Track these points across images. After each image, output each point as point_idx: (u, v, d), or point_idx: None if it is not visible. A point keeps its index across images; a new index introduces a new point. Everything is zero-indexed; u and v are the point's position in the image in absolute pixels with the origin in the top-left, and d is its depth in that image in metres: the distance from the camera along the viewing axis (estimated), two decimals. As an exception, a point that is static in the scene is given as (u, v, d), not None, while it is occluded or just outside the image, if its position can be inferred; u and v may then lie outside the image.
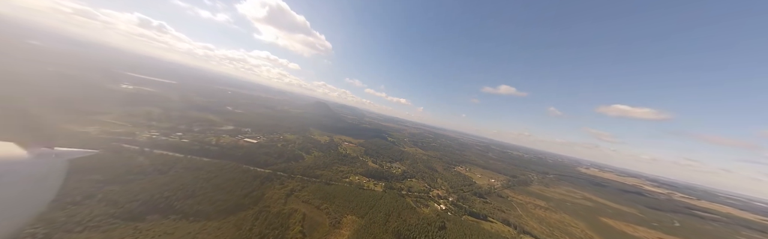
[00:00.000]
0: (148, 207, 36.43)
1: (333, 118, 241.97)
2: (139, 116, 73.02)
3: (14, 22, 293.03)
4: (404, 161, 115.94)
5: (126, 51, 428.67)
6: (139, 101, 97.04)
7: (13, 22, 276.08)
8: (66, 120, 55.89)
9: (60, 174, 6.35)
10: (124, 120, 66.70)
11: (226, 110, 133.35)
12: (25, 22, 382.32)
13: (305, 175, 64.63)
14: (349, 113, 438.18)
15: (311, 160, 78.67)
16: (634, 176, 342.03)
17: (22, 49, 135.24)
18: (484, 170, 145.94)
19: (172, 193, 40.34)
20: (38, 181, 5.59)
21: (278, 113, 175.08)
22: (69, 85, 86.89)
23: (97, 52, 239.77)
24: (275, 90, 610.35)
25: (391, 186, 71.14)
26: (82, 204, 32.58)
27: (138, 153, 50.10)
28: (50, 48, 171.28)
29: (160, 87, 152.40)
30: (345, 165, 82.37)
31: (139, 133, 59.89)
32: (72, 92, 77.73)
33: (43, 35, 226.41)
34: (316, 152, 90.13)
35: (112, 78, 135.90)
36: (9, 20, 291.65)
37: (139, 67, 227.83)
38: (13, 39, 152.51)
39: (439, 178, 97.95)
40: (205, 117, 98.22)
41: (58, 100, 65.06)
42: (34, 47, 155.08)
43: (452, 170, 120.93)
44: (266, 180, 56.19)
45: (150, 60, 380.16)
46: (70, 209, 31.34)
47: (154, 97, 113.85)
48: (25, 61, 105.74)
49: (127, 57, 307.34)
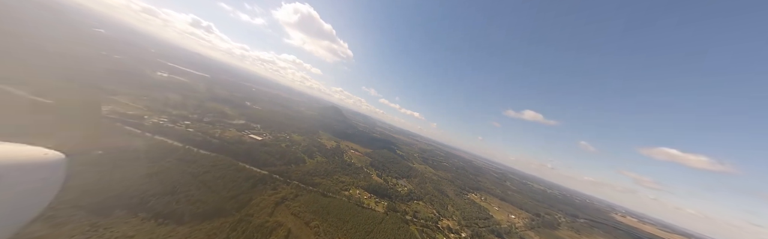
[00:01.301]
0: (120, 200, 31.44)
1: (344, 123, 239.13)
2: (156, 101, 72.84)
3: (89, 13, 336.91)
4: (412, 178, 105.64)
5: (176, 46, 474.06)
6: (166, 87, 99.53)
7: (88, 13, 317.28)
8: (86, 96, 55.70)
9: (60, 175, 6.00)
10: (140, 103, 66.22)
11: (244, 105, 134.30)
12: (100, 14, 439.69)
13: (302, 182, 58.11)
14: (361, 120, 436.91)
15: (312, 165, 72.52)
16: (682, 233, 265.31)
17: (86, 35, 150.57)
18: (501, 202, 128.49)
19: (151, 187, 35.44)
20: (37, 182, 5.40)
21: (292, 113, 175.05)
22: (108, 67, 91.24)
23: (149, 44, 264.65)
24: (296, 92, 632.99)
25: (395, 208, 61.90)
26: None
27: (138, 137, 47.14)
28: (111, 37, 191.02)
29: (191, 78, 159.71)
30: (347, 175, 75.02)
31: (148, 117, 58.13)
32: (106, 74, 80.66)
33: (110, 26, 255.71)
34: (319, 157, 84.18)
35: (153, 66, 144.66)
36: (85, 11, 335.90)
37: (181, 59, 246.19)
38: (83, 27, 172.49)
39: (450, 205, 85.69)
40: (220, 109, 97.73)
41: (88, 79, 66.78)
42: (98, 35, 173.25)
43: (465, 197, 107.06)
44: (259, 182, 50.32)
45: (194, 55, 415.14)
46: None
47: (181, 85, 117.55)
48: (83, 45, 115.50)
49: (175, 51, 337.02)
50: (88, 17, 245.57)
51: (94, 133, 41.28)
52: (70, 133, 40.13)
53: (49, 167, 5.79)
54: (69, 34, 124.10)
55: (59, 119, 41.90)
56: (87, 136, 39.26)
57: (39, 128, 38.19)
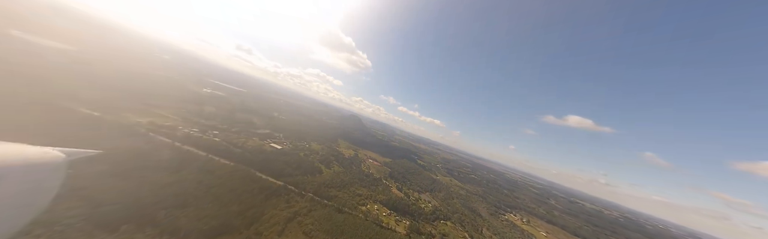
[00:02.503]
0: (130, 212, 29.88)
1: (363, 132, 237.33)
2: (192, 113, 78.18)
3: (159, 42, 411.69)
4: (436, 193, 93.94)
5: (223, 67, 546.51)
6: (205, 101, 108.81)
7: (158, 42, 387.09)
8: (132, 109, 61.45)
9: (60, 175, 6.05)
10: (177, 115, 71.23)
11: (271, 115, 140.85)
12: (166, 43, 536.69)
13: (317, 194, 53.52)
14: (380, 128, 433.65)
15: (329, 176, 68.23)
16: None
17: (155, 60, 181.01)
18: (550, 225, 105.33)
19: (164, 198, 33.89)
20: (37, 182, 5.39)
21: (314, 122, 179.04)
22: (161, 86, 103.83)
23: (202, 66, 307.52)
24: (320, 102, 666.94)
25: (418, 229, 52.90)
26: (66, 199, 27.80)
27: (167, 147, 48.44)
28: (173, 61, 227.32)
29: (229, 92, 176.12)
30: (365, 188, 68.72)
31: (182, 128, 61.14)
32: (158, 91, 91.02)
33: (174, 53, 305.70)
34: (336, 166, 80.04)
35: (200, 84, 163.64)
36: (158, 41, 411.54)
37: (225, 78, 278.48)
38: (152, 53, 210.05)
39: (485, 227, 72.13)
40: (249, 119, 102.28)
41: (141, 96, 75.41)
42: (163, 60, 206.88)
43: (502, 218, 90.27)
44: (273, 194, 47.04)
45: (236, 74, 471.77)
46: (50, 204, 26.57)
47: (218, 99, 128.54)
48: (150, 68, 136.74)
49: (221, 71, 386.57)
50: (157, 46, 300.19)
51: (126, 143, 43.12)
52: (105, 142, 42.79)
53: (50, 167, 5.77)
54: (142, 59, 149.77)
55: (98, 129, 45.18)
56: (118, 146, 40.77)
57: (77, 137, 41.35)
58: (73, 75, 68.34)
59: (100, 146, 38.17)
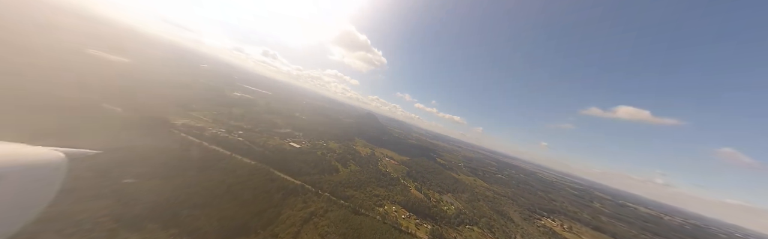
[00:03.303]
0: (156, 212, 30.53)
1: (380, 130, 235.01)
2: (222, 115, 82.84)
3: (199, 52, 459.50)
4: (458, 194, 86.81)
5: (252, 72, 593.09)
6: (235, 104, 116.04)
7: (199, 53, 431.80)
8: (171, 112, 66.61)
9: (60, 175, 6.05)
10: (209, 117, 75.79)
11: (293, 116, 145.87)
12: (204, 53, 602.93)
13: (334, 194, 51.70)
14: (396, 126, 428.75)
15: (346, 175, 66.41)
16: None
17: (195, 69, 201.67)
18: (596, 232, 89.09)
19: (188, 198, 34.42)
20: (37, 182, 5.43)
21: (332, 121, 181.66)
22: (198, 91, 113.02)
23: (234, 72, 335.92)
24: (337, 102, 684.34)
25: (442, 235, 48.00)
26: (98, 199, 29.22)
27: (196, 147, 50.68)
28: (210, 69, 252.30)
29: (257, 95, 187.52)
30: (382, 188, 65.47)
31: (211, 129, 64.35)
32: (195, 95, 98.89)
33: (210, 61, 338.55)
34: (353, 165, 78.13)
35: (232, 88, 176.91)
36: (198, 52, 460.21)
37: (253, 82, 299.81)
38: (193, 63, 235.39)
39: (519, 234, 63.80)
40: (272, 120, 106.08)
41: (180, 99, 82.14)
42: (202, 68, 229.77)
43: (537, 224, 79.34)
44: (291, 193, 46.22)
45: (264, 78, 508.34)
46: (85, 203, 28.06)
47: (247, 101, 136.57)
48: (190, 75, 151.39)
49: (250, 76, 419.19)
50: (197, 56, 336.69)
51: (159, 143, 45.74)
52: (140, 142, 46.14)
53: (50, 167, 5.80)
54: (183, 68, 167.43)
55: (138, 130, 48.80)
56: (151, 146, 43.14)
57: (116, 137, 45.10)
58: (127, 84, 77.12)
59: (132, 145, 40.68)
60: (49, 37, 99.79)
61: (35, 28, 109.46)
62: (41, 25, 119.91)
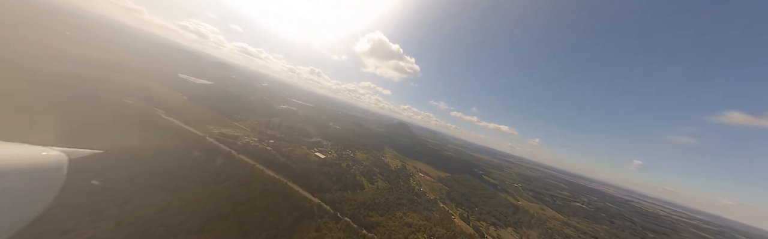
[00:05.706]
0: (148, 232, 25.62)
1: (412, 140, 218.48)
2: (261, 124, 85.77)
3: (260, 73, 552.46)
4: (523, 229, 62.95)
5: (300, 88, 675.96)
6: (278, 114, 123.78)
7: (259, 74, 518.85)
8: (215, 122, 71.02)
9: (60, 175, 5.80)
10: (249, 126, 78.60)
11: (327, 125, 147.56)
12: (264, 74, 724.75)
13: (355, 220, 40.71)
14: (430, 136, 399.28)
15: (371, 192, 55.04)
16: None
17: (257, 87, 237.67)
18: None
19: (188, 217, 29.12)
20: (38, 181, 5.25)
21: (363, 130, 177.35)
22: (251, 105, 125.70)
23: (286, 89, 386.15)
24: (371, 112, 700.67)
25: None
26: (96, 214, 25.94)
27: (223, 156, 49.01)
28: (269, 87, 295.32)
29: (299, 107, 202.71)
30: (415, 213, 50.95)
31: (245, 138, 64.57)
32: (246, 108, 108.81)
33: (270, 81, 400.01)
34: (380, 181, 66.32)
35: (280, 101, 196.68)
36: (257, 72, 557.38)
37: (300, 97, 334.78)
38: (255, 82, 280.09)
39: None
40: (306, 129, 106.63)
41: (230, 111, 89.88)
42: (262, 87, 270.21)
43: None
44: (304, 215, 37.53)
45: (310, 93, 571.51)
46: (95, 215, 24.86)
47: (288, 112, 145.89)
48: (253, 93, 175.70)
49: (299, 92, 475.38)
50: (258, 77, 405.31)
51: (188, 151, 45.08)
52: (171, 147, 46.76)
53: (50, 167, 5.65)
54: (246, 87, 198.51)
55: (178, 138, 50.27)
56: (173, 155, 42.04)
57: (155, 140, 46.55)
58: (193, 98, 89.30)
59: (161, 151, 40.05)
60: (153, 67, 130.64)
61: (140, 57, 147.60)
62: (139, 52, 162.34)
